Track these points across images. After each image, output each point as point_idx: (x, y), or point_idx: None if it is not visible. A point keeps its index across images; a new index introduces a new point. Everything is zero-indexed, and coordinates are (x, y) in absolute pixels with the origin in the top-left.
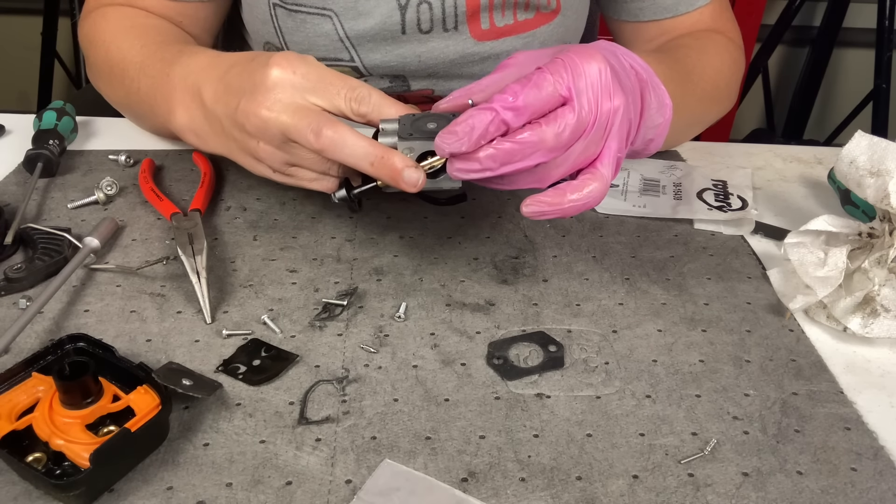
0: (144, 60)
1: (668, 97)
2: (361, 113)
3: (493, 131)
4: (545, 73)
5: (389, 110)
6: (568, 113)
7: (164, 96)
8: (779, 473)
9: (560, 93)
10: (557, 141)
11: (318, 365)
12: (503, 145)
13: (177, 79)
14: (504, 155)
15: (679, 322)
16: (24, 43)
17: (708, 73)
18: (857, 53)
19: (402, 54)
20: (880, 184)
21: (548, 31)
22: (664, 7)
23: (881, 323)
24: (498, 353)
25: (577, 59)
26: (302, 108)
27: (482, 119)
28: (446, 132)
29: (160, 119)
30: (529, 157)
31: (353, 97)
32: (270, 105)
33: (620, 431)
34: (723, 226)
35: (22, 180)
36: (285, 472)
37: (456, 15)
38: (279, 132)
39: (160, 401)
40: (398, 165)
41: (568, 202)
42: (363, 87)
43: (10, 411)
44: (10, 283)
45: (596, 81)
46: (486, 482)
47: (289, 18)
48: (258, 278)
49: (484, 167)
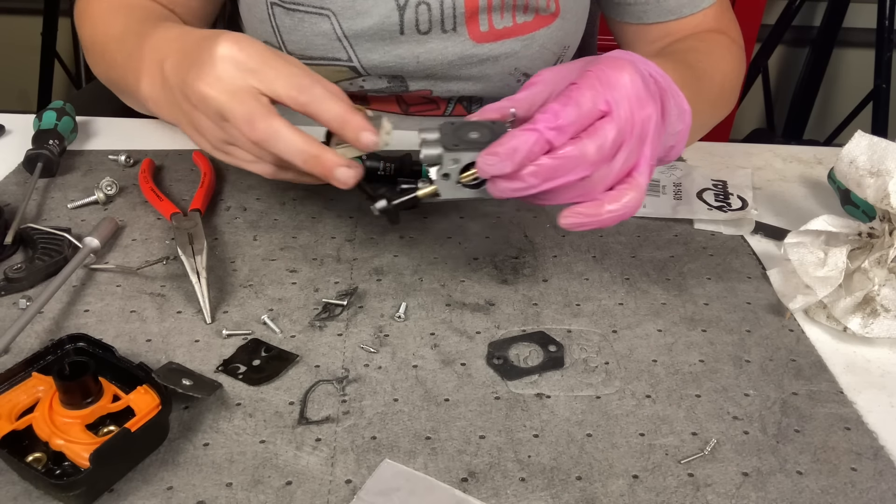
0: (124, 35)
1: (686, 103)
2: (300, 102)
3: (537, 151)
4: (583, 89)
5: (330, 105)
6: (608, 125)
7: (134, 67)
8: (779, 473)
9: (599, 107)
10: (600, 154)
11: (318, 365)
12: (546, 161)
13: (147, 50)
14: (547, 171)
15: (679, 322)
16: (24, 43)
17: (716, 77)
18: (857, 53)
19: (400, 55)
20: (880, 184)
21: (547, 34)
22: (668, 9)
23: (881, 323)
24: (498, 353)
25: (608, 70)
26: (240, 90)
27: (526, 140)
28: (489, 153)
29: (131, 89)
30: (572, 172)
31: (293, 84)
32: (211, 82)
33: (620, 431)
34: (723, 226)
35: (22, 180)
36: (285, 472)
37: (455, 16)
38: (216, 111)
39: (160, 401)
40: (328, 164)
41: (606, 213)
42: (306, 76)
43: (10, 411)
44: (10, 283)
45: (630, 91)
46: (486, 482)
47: (286, 17)
48: (258, 278)
49: (528, 185)
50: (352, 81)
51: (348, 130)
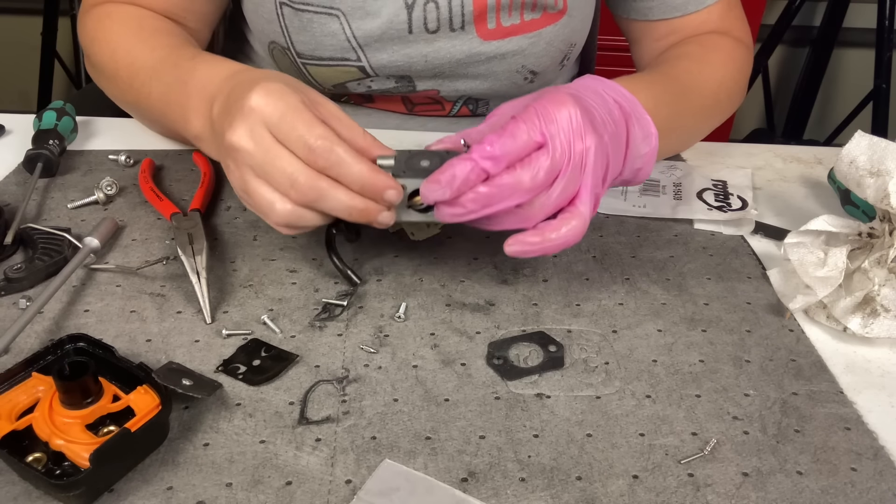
0: (157, 66)
1: (652, 126)
2: (319, 167)
3: (473, 179)
4: (519, 122)
5: (351, 169)
6: (542, 156)
7: (178, 103)
8: (779, 473)
9: (534, 139)
10: (534, 182)
11: (318, 365)
12: (483, 189)
13: (194, 88)
14: (485, 198)
15: (679, 322)
16: (24, 43)
17: (709, 86)
18: (857, 53)
19: (408, 54)
20: (880, 184)
21: (553, 32)
22: (673, 6)
23: (881, 323)
24: (498, 353)
25: (548, 105)
26: (261, 143)
27: (463, 168)
28: (430, 181)
29: (172, 124)
30: (509, 199)
31: (310, 148)
32: (241, 133)
33: (620, 431)
34: (723, 226)
35: (22, 180)
36: (285, 472)
37: (463, 14)
38: (243, 161)
39: (160, 401)
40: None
41: (548, 241)
42: (326, 136)
43: (10, 411)
44: (10, 283)
45: (567, 125)
46: (486, 482)
47: (295, 18)
48: (258, 278)
49: (468, 210)
50: (360, 81)
51: (372, 193)
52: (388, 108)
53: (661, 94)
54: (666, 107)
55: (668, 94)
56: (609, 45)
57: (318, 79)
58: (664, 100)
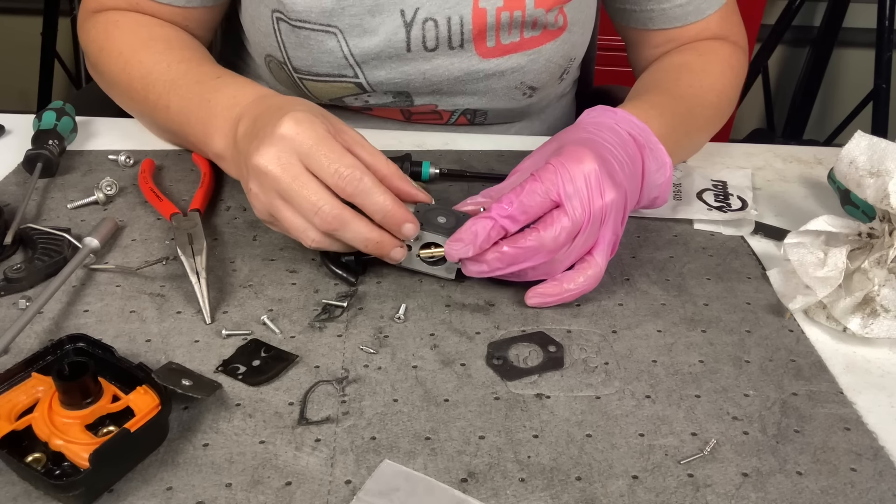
0: (176, 79)
1: (666, 156)
2: (347, 194)
3: (494, 236)
4: (536, 182)
5: (376, 198)
6: (562, 216)
7: (200, 120)
8: (778, 474)
9: (551, 198)
10: (556, 243)
11: (318, 365)
12: (507, 249)
13: (219, 107)
14: (509, 258)
15: (679, 322)
16: (24, 43)
17: (710, 98)
18: (857, 53)
19: (406, 72)
20: (880, 184)
21: (553, 48)
22: (673, 17)
23: (881, 323)
24: (498, 353)
25: (567, 163)
26: (289, 169)
27: (483, 226)
28: (454, 239)
29: (191, 139)
30: (532, 258)
31: (340, 176)
32: (268, 158)
33: (620, 432)
34: (722, 226)
35: (22, 180)
36: (285, 472)
37: (462, 33)
38: (266, 185)
39: (160, 401)
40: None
41: (567, 291)
42: (356, 167)
43: (9, 411)
44: (10, 283)
45: (584, 185)
46: (486, 482)
47: (292, 34)
48: (258, 278)
49: (493, 268)
50: (357, 96)
51: (391, 224)
52: (386, 117)
53: (669, 119)
54: (675, 131)
55: (677, 118)
56: (609, 46)
57: (314, 93)
58: (673, 123)
